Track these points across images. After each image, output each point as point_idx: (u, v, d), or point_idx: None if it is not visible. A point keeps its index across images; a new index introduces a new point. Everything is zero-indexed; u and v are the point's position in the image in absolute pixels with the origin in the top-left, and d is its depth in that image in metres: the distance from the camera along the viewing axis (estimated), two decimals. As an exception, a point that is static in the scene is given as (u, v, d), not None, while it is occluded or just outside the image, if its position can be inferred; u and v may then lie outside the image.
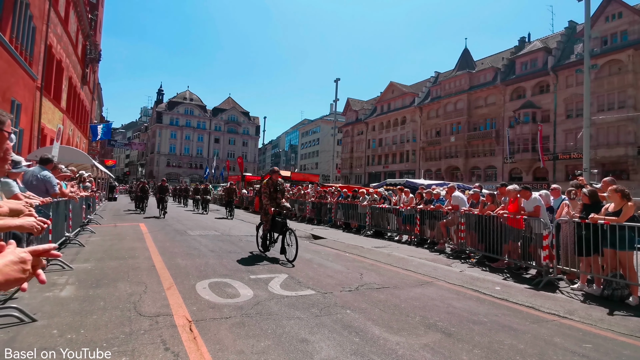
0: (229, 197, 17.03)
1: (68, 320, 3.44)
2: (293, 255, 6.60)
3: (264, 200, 7.13)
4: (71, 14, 20.82)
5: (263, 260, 6.88)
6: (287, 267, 6.32)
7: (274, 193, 7.27)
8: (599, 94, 28.71)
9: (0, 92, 11.01)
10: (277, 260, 6.81)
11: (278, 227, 7.05)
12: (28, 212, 2.16)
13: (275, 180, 7.31)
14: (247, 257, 7.14)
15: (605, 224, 5.24)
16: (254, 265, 6.44)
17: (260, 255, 7.28)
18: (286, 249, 6.84)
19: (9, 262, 0.90)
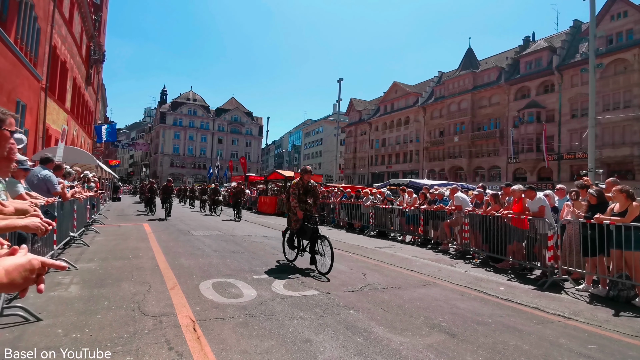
0: (236, 198, 16.04)
1: (73, 320, 3.46)
2: (327, 267, 5.69)
3: (291, 202, 6.41)
4: (75, 15, 20.95)
5: (293, 272, 5.98)
6: (320, 280, 5.47)
7: (303, 195, 6.53)
8: (604, 94, 28.53)
9: (6, 93, 11.09)
10: (307, 273, 5.90)
11: (308, 234, 6.19)
12: (34, 213, 2.17)
13: (306, 181, 6.53)
14: (274, 267, 6.30)
15: (610, 224, 5.20)
16: (257, 265, 6.43)
17: (288, 266, 6.46)
18: (317, 259, 6.03)
19: (19, 266, 0.90)
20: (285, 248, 6.89)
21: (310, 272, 5.92)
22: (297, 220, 6.35)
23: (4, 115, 1.60)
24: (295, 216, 6.42)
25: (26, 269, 0.90)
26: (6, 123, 1.64)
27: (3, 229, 1.80)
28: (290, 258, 6.72)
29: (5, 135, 1.67)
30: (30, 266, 0.91)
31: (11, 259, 0.91)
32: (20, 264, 0.90)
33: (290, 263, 6.59)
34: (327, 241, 5.88)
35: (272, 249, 8.23)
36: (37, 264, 0.93)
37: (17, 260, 0.90)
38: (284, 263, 6.63)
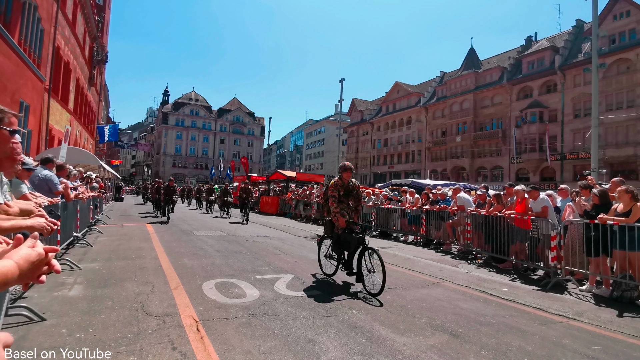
0: (243, 199, 14.95)
1: (77, 320, 3.47)
2: (378, 287, 4.68)
3: (331, 207, 5.39)
4: (78, 16, 21.03)
5: (335, 291, 5.01)
6: (369, 303, 4.50)
7: (344, 198, 5.56)
8: (607, 93, 28.42)
9: (9, 93, 11.15)
10: (354, 294, 4.91)
11: (352, 245, 5.20)
12: (39, 213, 2.18)
13: (346, 180, 5.54)
14: (312, 284, 5.28)
15: (614, 225, 5.18)
16: (260, 265, 6.44)
17: (327, 282, 5.50)
18: (364, 276, 5.00)
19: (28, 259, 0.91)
20: (321, 260, 5.90)
21: (358, 293, 4.93)
22: (339, 228, 5.40)
23: (3, 114, 1.59)
24: (334, 228, 5.50)
25: (34, 263, 0.92)
26: (5, 122, 1.64)
27: (9, 229, 1.81)
28: (328, 272, 5.73)
29: (3, 135, 1.67)
30: (38, 258, 0.93)
31: (21, 251, 0.92)
32: (28, 257, 0.91)
33: (329, 278, 5.65)
34: (376, 255, 4.86)
35: (274, 249, 8.24)
36: (44, 253, 0.95)
37: (26, 252, 0.91)
38: (322, 278, 5.66)
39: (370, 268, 4.90)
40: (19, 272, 0.86)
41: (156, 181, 18.73)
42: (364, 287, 4.97)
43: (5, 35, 10.47)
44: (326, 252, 5.75)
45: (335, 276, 5.62)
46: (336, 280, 5.56)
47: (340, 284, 5.37)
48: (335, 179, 5.60)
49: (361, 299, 4.70)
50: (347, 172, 5.51)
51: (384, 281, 4.66)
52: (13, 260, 0.87)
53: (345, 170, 5.51)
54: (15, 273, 0.85)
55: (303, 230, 12.57)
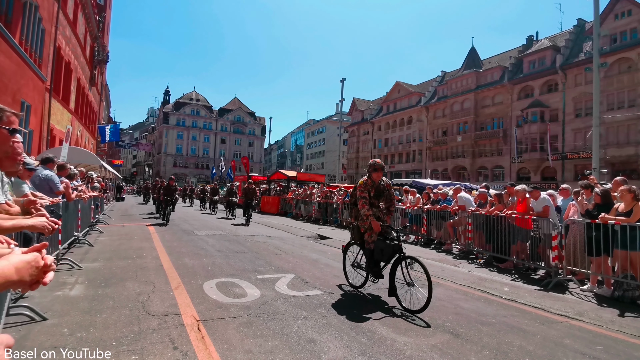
0: (247, 199, 14.26)
1: (78, 319, 3.47)
2: (422, 303, 4.00)
3: (362, 209, 4.72)
4: (79, 16, 21.05)
5: (367, 307, 4.31)
6: (412, 322, 3.86)
7: (375, 199, 4.94)
8: (608, 93, 28.37)
9: (11, 93, 11.16)
10: (390, 309, 4.26)
11: (387, 253, 4.57)
12: (41, 213, 2.18)
13: (376, 180, 4.89)
14: (339, 299, 4.60)
15: (615, 225, 5.17)
16: (261, 265, 6.44)
17: (356, 295, 4.87)
18: (397, 289, 4.37)
19: (27, 263, 0.91)
20: (347, 269, 5.31)
21: (393, 309, 4.28)
22: (372, 234, 4.73)
23: (2, 113, 1.57)
24: (365, 233, 4.81)
25: (32, 266, 0.92)
26: (4, 121, 1.64)
27: (10, 229, 1.81)
28: (355, 283, 5.09)
29: (3, 134, 1.67)
30: (36, 263, 0.93)
31: (19, 256, 0.92)
32: (27, 261, 0.91)
33: (356, 291, 5.01)
34: (417, 264, 4.20)
35: (275, 249, 8.24)
36: (40, 260, 0.95)
37: (25, 258, 0.92)
38: (348, 290, 5.05)
39: (409, 280, 4.21)
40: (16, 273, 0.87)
41: (157, 180, 18.17)
42: (399, 303, 4.28)
43: (7, 35, 10.48)
44: (353, 260, 5.13)
45: (363, 288, 5.00)
46: (364, 292, 4.95)
47: (369, 297, 4.78)
48: (364, 178, 4.95)
49: (400, 316, 4.02)
50: (378, 173, 4.82)
51: (429, 296, 3.93)
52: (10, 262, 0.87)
53: (375, 170, 4.82)
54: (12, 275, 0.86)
55: (304, 230, 12.57)
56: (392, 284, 4.39)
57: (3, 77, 10.55)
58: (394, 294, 4.38)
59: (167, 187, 13.37)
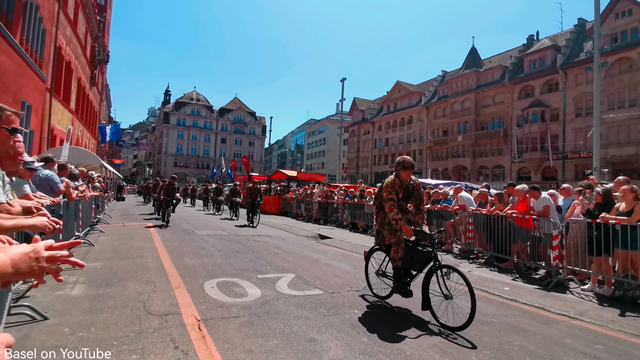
0: (253, 199, 13.43)
1: (79, 319, 3.48)
2: (463, 319, 3.53)
3: (389, 212, 4.13)
4: (80, 16, 21.06)
5: (399, 323, 3.83)
6: (455, 342, 3.40)
7: (403, 201, 4.38)
8: (609, 92, 28.34)
9: (11, 93, 11.17)
10: (425, 325, 3.78)
11: (418, 261, 4.12)
12: (42, 212, 2.18)
13: (405, 179, 4.34)
14: (365, 314, 4.06)
15: (616, 224, 5.17)
16: (261, 264, 6.44)
17: (382, 306, 4.38)
18: (431, 303, 3.87)
19: (24, 254, 0.90)
20: (370, 278, 4.83)
21: (429, 324, 3.81)
22: (398, 241, 4.18)
23: (1, 112, 1.56)
24: (394, 234, 4.21)
25: (31, 258, 0.90)
26: (3, 120, 1.63)
27: (11, 228, 1.81)
28: (380, 293, 4.61)
29: (2, 133, 1.67)
30: (35, 254, 0.91)
31: (17, 247, 0.91)
32: (25, 252, 0.89)
33: (382, 301, 4.53)
34: (456, 274, 3.74)
35: (275, 249, 8.25)
36: (42, 251, 0.93)
37: (22, 249, 0.90)
38: (373, 301, 4.56)
39: (446, 292, 3.74)
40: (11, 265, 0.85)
41: (157, 180, 17.80)
42: (435, 318, 3.78)
43: (7, 35, 10.48)
44: (378, 268, 4.67)
45: (390, 299, 4.50)
46: (391, 304, 4.47)
47: (398, 310, 4.29)
48: (391, 177, 4.39)
49: (438, 334, 3.56)
50: (407, 171, 4.28)
51: (472, 312, 3.46)
52: (6, 253, 0.87)
53: (404, 169, 4.27)
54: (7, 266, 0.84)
55: (304, 229, 12.57)
56: (426, 296, 3.89)
57: (4, 77, 10.56)
58: (428, 307, 3.87)
59: (169, 187, 12.67)
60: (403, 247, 4.21)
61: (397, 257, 4.20)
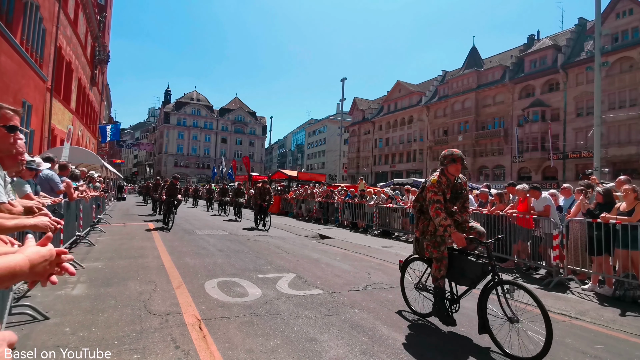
0: (261, 200, 12.22)
1: (80, 319, 3.48)
2: (534, 349, 2.95)
3: (436, 218, 3.47)
4: (80, 16, 21.07)
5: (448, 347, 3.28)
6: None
7: (449, 203, 3.72)
8: (609, 92, 28.32)
9: (12, 93, 11.18)
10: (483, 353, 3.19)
11: (470, 275, 3.45)
12: (43, 212, 2.18)
13: (452, 176, 3.70)
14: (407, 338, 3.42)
15: (617, 224, 5.17)
16: (262, 264, 6.44)
17: (425, 326, 3.77)
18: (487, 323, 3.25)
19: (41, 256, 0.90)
20: (406, 292, 4.24)
21: (490, 352, 3.20)
22: (441, 257, 3.57)
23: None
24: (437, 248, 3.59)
25: (47, 260, 0.92)
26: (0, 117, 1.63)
27: (13, 228, 1.82)
28: (420, 310, 4.01)
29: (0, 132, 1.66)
30: (50, 257, 0.93)
31: (34, 248, 0.91)
32: (42, 255, 0.90)
33: (424, 320, 3.92)
34: (521, 292, 3.11)
35: (276, 249, 8.25)
36: (54, 251, 0.95)
37: (40, 251, 0.91)
38: (413, 319, 3.95)
39: (510, 314, 3.11)
40: (29, 266, 0.86)
41: (158, 179, 17.49)
42: (498, 346, 3.14)
43: (7, 35, 10.49)
44: (417, 281, 4.04)
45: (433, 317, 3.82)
46: (434, 323, 3.80)
47: (446, 333, 3.59)
48: (435, 175, 3.73)
49: None
50: (456, 164, 3.59)
51: (548, 339, 2.84)
52: (24, 254, 0.87)
53: (453, 162, 3.60)
54: (25, 267, 0.85)
55: (305, 229, 12.57)
56: (484, 317, 3.25)
57: (4, 77, 10.57)
58: (487, 331, 3.23)
59: (170, 187, 11.63)
60: (446, 264, 3.56)
61: (438, 276, 3.57)
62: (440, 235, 3.55)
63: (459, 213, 3.78)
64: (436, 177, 3.67)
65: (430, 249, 3.64)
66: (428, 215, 3.67)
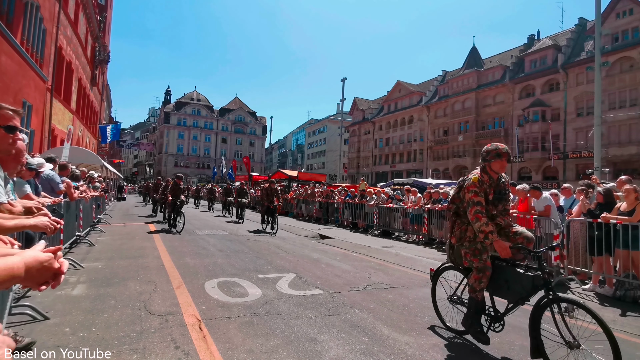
0: (269, 202, 11.47)
1: (80, 319, 3.48)
2: None
3: (475, 221, 3.06)
4: (80, 16, 21.08)
5: None
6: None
7: (491, 206, 3.24)
8: (610, 92, 28.30)
9: (12, 93, 11.18)
10: None
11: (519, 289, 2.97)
12: (43, 212, 2.18)
13: (498, 172, 3.24)
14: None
15: (617, 224, 5.17)
16: (262, 264, 6.44)
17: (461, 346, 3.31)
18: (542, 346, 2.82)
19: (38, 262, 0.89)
20: (438, 304, 3.76)
21: None
22: (484, 268, 3.09)
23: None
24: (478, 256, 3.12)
25: (45, 267, 0.90)
26: None
27: (13, 228, 1.82)
28: (455, 325, 3.52)
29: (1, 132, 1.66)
30: (49, 264, 0.91)
31: (31, 252, 0.90)
32: (40, 261, 0.89)
33: (461, 338, 3.46)
34: (582, 311, 2.68)
35: (276, 249, 8.25)
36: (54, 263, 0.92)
37: (39, 256, 0.89)
38: (449, 336, 3.50)
39: (569, 337, 2.69)
40: (25, 269, 0.85)
41: (159, 179, 17.14)
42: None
43: (8, 36, 10.50)
44: (452, 293, 3.60)
45: None
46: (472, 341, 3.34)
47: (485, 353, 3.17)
48: (476, 172, 3.29)
49: None
50: (501, 160, 3.14)
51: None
52: (21, 257, 0.87)
53: (498, 156, 3.14)
54: (20, 269, 0.84)
55: (305, 229, 12.57)
56: (537, 339, 2.80)
57: (4, 77, 10.58)
58: (541, 355, 2.79)
59: (174, 188, 10.97)
60: (489, 276, 3.10)
61: (478, 288, 3.12)
62: (480, 242, 3.11)
63: (501, 216, 3.30)
64: (477, 175, 3.22)
65: (469, 257, 3.19)
66: (465, 218, 3.26)
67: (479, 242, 3.12)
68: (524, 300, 2.99)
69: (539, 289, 2.86)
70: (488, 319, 3.20)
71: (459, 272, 3.56)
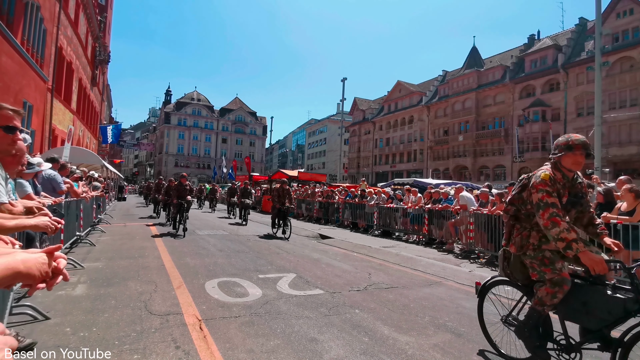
0: (280, 204, 10.60)
1: (80, 319, 3.48)
2: None
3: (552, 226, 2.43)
4: (81, 16, 21.10)
5: None
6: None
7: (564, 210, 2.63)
8: (610, 92, 28.29)
9: (12, 93, 11.19)
10: None
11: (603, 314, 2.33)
12: (43, 212, 2.18)
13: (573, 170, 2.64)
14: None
15: (618, 224, 5.17)
16: (262, 264, 6.44)
17: None
18: None
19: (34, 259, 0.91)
20: (487, 325, 3.19)
21: None
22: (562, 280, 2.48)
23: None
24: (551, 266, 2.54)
25: (42, 263, 0.92)
26: None
27: (13, 228, 1.82)
28: (510, 352, 2.98)
29: None
30: (43, 260, 0.92)
31: (28, 252, 0.92)
32: (35, 258, 0.91)
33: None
34: None
35: (276, 249, 8.25)
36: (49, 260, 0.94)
37: (33, 255, 0.91)
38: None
39: None
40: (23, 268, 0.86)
41: (160, 179, 16.86)
42: None
43: (8, 36, 10.51)
44: (507, 313, 2.99)
45: None
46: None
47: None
48: (546, 169, 2.71)
49: None
50: (575, 155, 2.56)
51: None
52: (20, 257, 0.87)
53: (569, 149, 2.57)
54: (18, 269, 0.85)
55: (305, 229, 12.57)
56: None
57: (5, 78, 10.59)
58: None
59: (179, 188, 10.32)
60: (566, 291, 2.47)
61: (549, 302, 2.53)
62: (553, 249, 2.57)
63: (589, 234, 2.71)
64: (548, 172, 2.63)
65: (538, 267, 2.60)
66: (527, 223, 2.77)
67: (547, 249, 2.60)
68: (609, 329, 2.34)
69: (631, 315, 2.22)
70: (557, 348, 2.58)
71: (517, 288, 2.96)
